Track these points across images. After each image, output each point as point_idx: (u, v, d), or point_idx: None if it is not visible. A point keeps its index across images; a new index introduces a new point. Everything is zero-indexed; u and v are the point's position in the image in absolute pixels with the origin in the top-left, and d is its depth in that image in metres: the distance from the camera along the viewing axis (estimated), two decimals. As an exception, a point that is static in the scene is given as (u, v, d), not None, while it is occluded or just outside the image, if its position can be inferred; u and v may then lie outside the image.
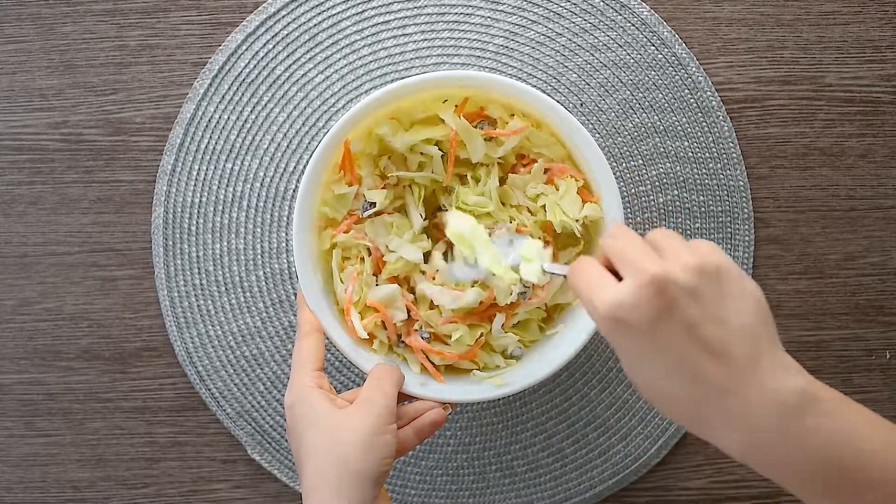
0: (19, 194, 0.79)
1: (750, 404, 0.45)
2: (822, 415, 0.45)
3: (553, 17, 0.78)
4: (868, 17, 0.78)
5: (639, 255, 0.46)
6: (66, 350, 0.80)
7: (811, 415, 0.45)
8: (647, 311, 0.45)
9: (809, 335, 0.80)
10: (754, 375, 0.45)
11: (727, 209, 0.78)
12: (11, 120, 0.79)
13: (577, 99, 0.78)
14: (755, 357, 0.45)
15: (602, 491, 0.79)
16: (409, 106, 0.67)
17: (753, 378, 0.45)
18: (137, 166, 0.79)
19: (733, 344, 0.45)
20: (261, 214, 0.79)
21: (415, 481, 0.79)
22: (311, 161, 0.64)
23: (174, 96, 0.79)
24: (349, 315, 0.66)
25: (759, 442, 0.45)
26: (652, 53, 0.78)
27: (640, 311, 0.45)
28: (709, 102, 0.78)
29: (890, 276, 0.79)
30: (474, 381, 0.66)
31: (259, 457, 0.79)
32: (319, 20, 0.78)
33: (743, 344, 0.45)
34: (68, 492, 0.80)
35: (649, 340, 0.46)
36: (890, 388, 0.80)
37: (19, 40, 0.79)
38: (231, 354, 0.79)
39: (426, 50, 0.78)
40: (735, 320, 0.45)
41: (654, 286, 0.45)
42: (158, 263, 0.78)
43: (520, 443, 0.79)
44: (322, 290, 0.66)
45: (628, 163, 0.78)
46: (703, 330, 0.45)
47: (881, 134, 0.79)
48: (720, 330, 0.45)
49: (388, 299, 0.66)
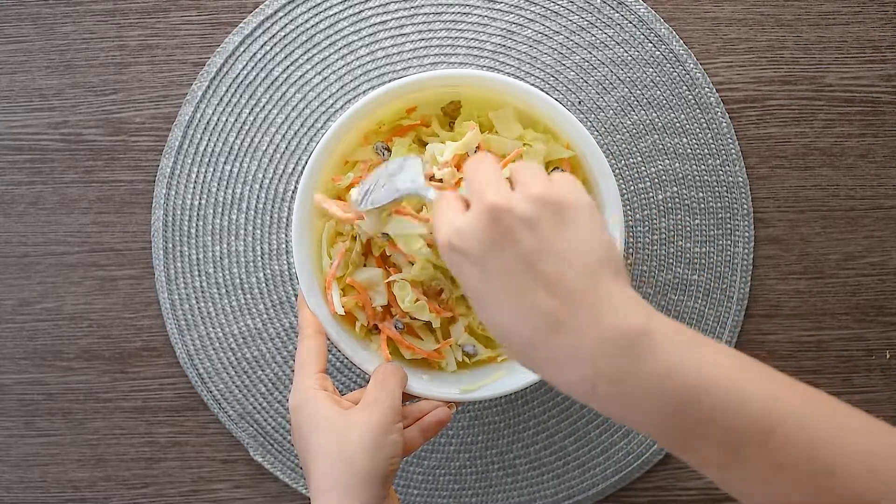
0: (19, 194, 0.79)
1: (584, 340, 0.44)
2: (656, 349, 0.43)
3: (550, 15, 0.77)
4: (868, 17, 0.78)
5: (486, 184, 0.46)
6: (66, 350, 0.80)
7: (644, 349, 0.43)
8: (480, 238, 0.45)
9: (809, 335, 0.79)
10: (589, 309, 0.44)
11: (726, 205, 0.78)
12: (11, 120, 0.79)
13: (575, 97, 0.78)
14: (592, 293, 0.44)
15: (605, 489, 0.79)
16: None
17: (589, 313, 0.44)
18: (137, 166, 0.79)
19: (570, 278, 0.44)
20: (260, 216, 0.79)
21: (417, 481, 0.80)
22: (310, 161, 0.64)
23: (174, 96, 0.79)
24: (330, 289, 0.66)
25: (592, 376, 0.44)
26: (650, 50, 0.78)
27: (473, 239, 0.45)
28: (707, 99, 0.77)
29: (890, 276, 0.79)
30: (474, 381, 0.67)
31: (261, 458, 0.79)
32: (316, 21, 0.78)
33: (580, 279, 0.44)
34: (68, 492, 0.81)
35: (486, 270, 0.45)
36: (890, 389, 0.79)
37: (19, 40, 0.79)
38: (232, 356, 0.79)
39: (423, 50, 0.78)
40: (572, 254, 0.45)
41: (490, 214, 0.44)
42: (158, 266, 0.79)
43: (522, 441, 0.79)
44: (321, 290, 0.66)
45: (627, 160, 0.78)
46: (538, 262, 0.44)
47: (881, 134, 0.78)
48: (556, 264, 0.44)
49: (371, 282, 0.66)
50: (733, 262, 0.78)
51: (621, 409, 0.45)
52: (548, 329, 0.45)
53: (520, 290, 0.45)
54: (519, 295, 0.45)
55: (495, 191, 0.46)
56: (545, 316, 0.44)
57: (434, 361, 0.68)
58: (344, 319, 0.67)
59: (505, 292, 0.45)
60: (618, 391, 0.44)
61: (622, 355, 0.43)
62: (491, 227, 0.45)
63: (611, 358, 0.43)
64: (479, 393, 0.65)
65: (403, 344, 0.67)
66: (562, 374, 0.45)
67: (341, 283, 0.67)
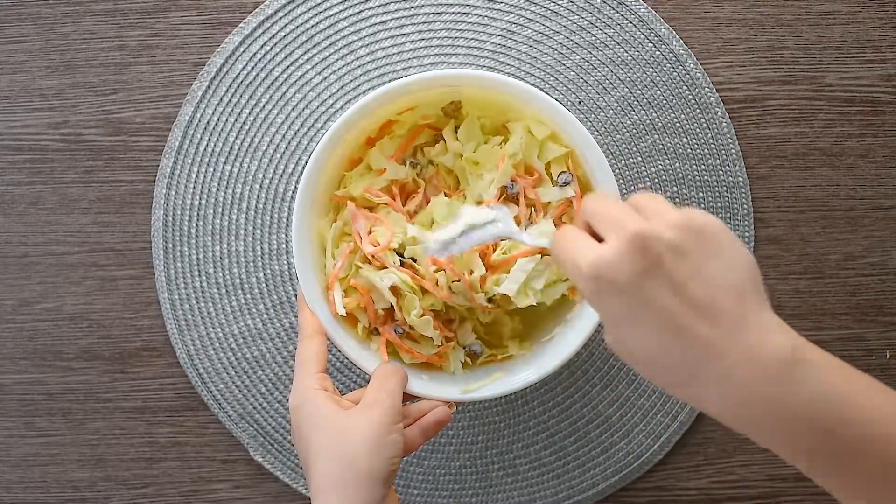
0: (19, 194, 0.79)
1: (735, 362, 0.44)
2: (808, 375, 0.43)
3: (550, 15, 0.77)
4: (868, 17, 0.78)
5: (623, 215, 0.46)
6: (66, 350, 0.80)
7: (797, 374, 0.43)
8: (631, 268, 0.44)
9: (809, 335, 0.78)
10: (741, 333, 0.44)
11: (726, 205, 0.78)
12: (11, 120, 0.79)
13: (575, 97, 0.78)
14: (742, 315, 0.44)
15: (605, 489, 0.79)
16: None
17: (740, 336, 0.44)
18: (137, 166, 0.79)
19: (720, 301, 0.44)
20: (260, 216, 0.79)
21: (418, 481, 0.80)
22: (310, 161, 0.64)
23: (174, 96, 0.79)
24: (332, 290, 0.66)
25: (744, 401, 0.44)
26: (650, 50, 0.78)
27: (624, 268, 0.44)
28: (707, 99, 0.77)
29: (890, 276, 0.79)
30: (474, 381, 0.67)
31: (262, 458, 0.79)
32: (316, 21, 0.78)
33: (730, 301, 0.44)
34: (68, 492, 0.81)
35: (634, 299, 0.44)
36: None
37: (19, 40, 0.79)
38: (232, 356, 0.79)
39: (423, 50, 0.78)
40: (721, 278, 0.44)
41: (637, 242, 0.44)
42: (159, 266, 0.79)
43: (522, 441, 0.79)
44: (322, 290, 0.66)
45: (627, 160, 0.78)
46: (689, 287, 0.44)
47: (881, 134, 0.78)
48: (707, 288, 0.44)
49: (373, 284, 0.66)
50: (733, 262, 0.78)
51: (770, 435, 0.45)
52: (701, 354, 0.44)
53: (671, 317, 0.44)
54: (669, 322, 0.44)
55: (635, 220, 0.45)
56: (699, 341, 0.44)
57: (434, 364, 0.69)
58: (345, 320, 0.67)
59: (655, 321, 0.45)
60: (770, 416, 0.44)
61: (776, 380, 0.43)
62: (639, 255, 0.44)
63: (764, 382, 0.43)
64: (479, 393, 0.65)
65: (403, 348, 0.67)
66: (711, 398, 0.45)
67: (344, 284, 0.67)
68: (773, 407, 0.44)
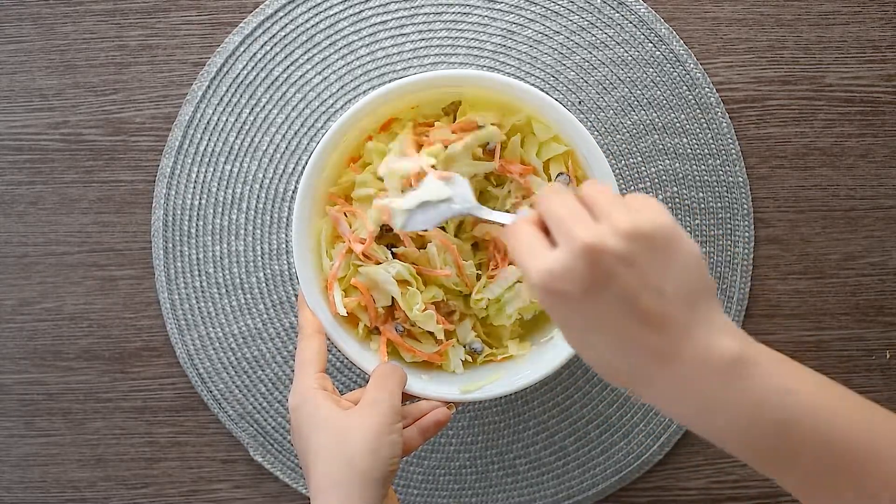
0: (19, 194, 0.79)
1: (687, 367, 0.44)
2: (755, 375, 0.44)
3: (550, 15, 0.77)
4: (868, 17, 0.78)
5: (572, 220, 0.45)
6: (66, 350, 0.80)
7: (744, 375, 0.44)
8: (581, 282, 0.44)
9: (809, 335, 0.79)
10: (690, 339, 0.44)
11: (726, 205, 0.78)
12: (11, 120, 0.79)
13: (575, 97, 0.78)
14: (692, 320, 0.44)
15: (605, 489, 0.79)
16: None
17: (689, 341, 0.44)
18: (137, 166, 0.79)
19: (670, 311, 0.44)
20: (260, 216, 0.79)
21: (417, 481, 0.80)
22: (310, 161, 0.64)
23: (174, 96, 0.79)
24: (331, 290, 0.66)
25: (697, 406, 0.45)
26: (650, 50, 0.78)
27: (574, 282, 0.44)
28: (707, 99, 0.77)
29: (890, 276, 0.79)
30: (473, 381, 0.67)
31: (261, 458, 0.79)
32: (316, 21, 0.78)
33: (679, 309, 0.44)
34: (68, 492, 0.81)
35: (584, 310, 0.45)
36: (890, 389, 0.79)
37: (19, 40, 0.79)
38: (232, 356, 0.79)
39: (424, 50, 0.78)
40: (671, 287, 0.44)
41: (587, 256, 0.43)
42: (159, 266, 0.79)
43: (522, 441, 0.79)
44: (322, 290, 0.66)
45: (627, 160, 0.78)
46: (640, 301, 0.44)
47: (881, 134, 0.78)
48: (658, 299, 0.44)
49: (374, 282, 0.66)
50: (733, 262, 0.78)
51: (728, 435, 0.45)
52: (654, 364, 0.45)
53: (623, 329, 0.44)
54: (623, 334, 0.45)
55: (584, 228, 0.44)
56: (651, 352, 0.44)
57: (435, 363, 0.69)
58: (345, 320, 0.67)
59: (608, 332, 0.45)
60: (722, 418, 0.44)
61: (725, 382, 0.44)
62: (588, 269, 0.43)
63: (715, 385, 0.44)
64: (478, 393, 0.65)
65: (404, 347, 0.67)
66: (675, 406, 0.46)
67: (343, 284, 0.67)
68: (725, 408, 0.44)
